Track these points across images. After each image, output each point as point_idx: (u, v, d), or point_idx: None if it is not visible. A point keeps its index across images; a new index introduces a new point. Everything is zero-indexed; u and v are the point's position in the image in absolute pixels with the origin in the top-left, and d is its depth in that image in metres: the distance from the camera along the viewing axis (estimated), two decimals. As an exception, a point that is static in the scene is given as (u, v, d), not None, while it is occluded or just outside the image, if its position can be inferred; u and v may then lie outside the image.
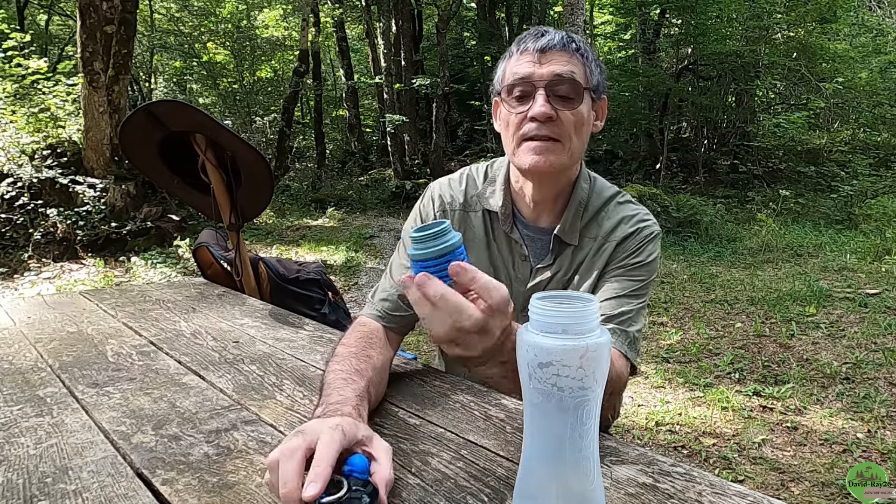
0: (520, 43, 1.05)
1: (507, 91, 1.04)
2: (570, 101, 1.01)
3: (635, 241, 1.08)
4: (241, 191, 2.02)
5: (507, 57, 1.07)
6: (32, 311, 1.65)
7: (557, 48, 1.01)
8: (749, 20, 10.30)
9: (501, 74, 1.07)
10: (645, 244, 1.09)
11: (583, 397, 0.57)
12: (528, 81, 1.01)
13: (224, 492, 0.71)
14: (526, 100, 1.02)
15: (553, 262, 1.11)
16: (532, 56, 1.01)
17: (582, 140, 1.05)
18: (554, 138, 1.01)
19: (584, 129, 1.04)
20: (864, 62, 10.75)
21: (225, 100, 13.53)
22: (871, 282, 4.93)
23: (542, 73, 1.00)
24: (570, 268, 1.10)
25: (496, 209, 1.13)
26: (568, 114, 1.00)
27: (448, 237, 0.65)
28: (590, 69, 1.04)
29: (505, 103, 1.05)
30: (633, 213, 1.12)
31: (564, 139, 1.01)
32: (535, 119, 1.00)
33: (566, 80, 1.00)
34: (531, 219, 1.13)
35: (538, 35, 1.03)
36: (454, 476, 0.74)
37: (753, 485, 2.17)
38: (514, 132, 1.04)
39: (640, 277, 1.07)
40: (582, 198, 1.11)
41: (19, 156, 6.36)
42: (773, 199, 8.98)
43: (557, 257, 1.11)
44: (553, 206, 1.11)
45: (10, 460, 0.80)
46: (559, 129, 1.01)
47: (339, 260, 6.42)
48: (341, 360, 0.91)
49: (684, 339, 3.79)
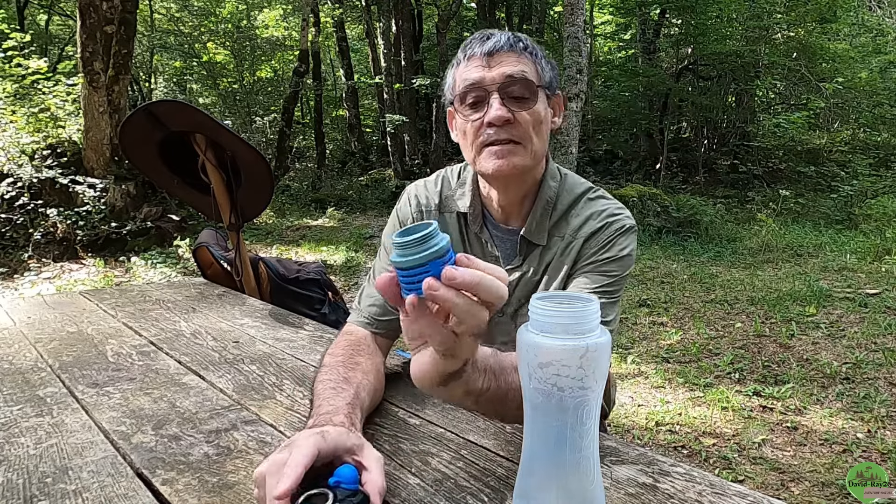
0: (466, 49, 1.02)
1: (459, 99, 1.01)
2: (525, 100, 0.99)
3: (604, 235, 1.05)
4: (241, 191, 2.02)
5: (455, 65, 1.05)
6: (32, 311, 1.65)
7: (505, 49, 0.99)
8: (749, 20, 10.30)
9: (452, 83, 1.05)
10: (615, 238, 1.04)
11: (583, 397, 0.57)
12: (479, 86, 0.98)
13: (224, 492, 0.71)
14: (480, 105, 0.99)
15: (522, 262, 1.09)
16: (480, 60, 0.99)
17: (542, 139, 1.03)
18: (514, 140, 0.99)
19: (543, 127, 1.02)
20: (864, 62, 10.75)
21: (225, 100, 13.53)
22: (871, 282, 4.93)
23: (493, 76, 0.98)
24: (538, 268, 1.08)
25: (465, 210, 1.11)
26: (524, 114, 0.98)
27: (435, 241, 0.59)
28: (540, 66, 1.02)
29: (459, 112, 1.03)
30: (603, 207, 1.08)
31: (525, 140, 0.99)
32: (492, 124, 0.97)
33: (518, 80, 0.98)
34: (500, 220, 1.11)
35: (484, 38, 1.01)
36: (454, 476, 0.74)
37: (753, 485, 2.17)
38: (472, 140, 1.01)
39: (611, 273, 1.03)
40: (550, 196, 1.08)
41: (19, 156, 6.36)
42: (773, 199, 8.98)
43: (526, 258, 1.09)
44: (521, 207, 1.09)
45: (10, 460, 0.80)
46: (518, 131, 0.99)
47: (339, 260, 6.42)
48: (329, 369, 0.90)
49: (684, 339, 3.79)
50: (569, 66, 6.60)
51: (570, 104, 6.60)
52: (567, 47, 6.65)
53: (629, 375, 3.24)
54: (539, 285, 1.08)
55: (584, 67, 6.75)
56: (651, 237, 7.11)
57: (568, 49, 6.63)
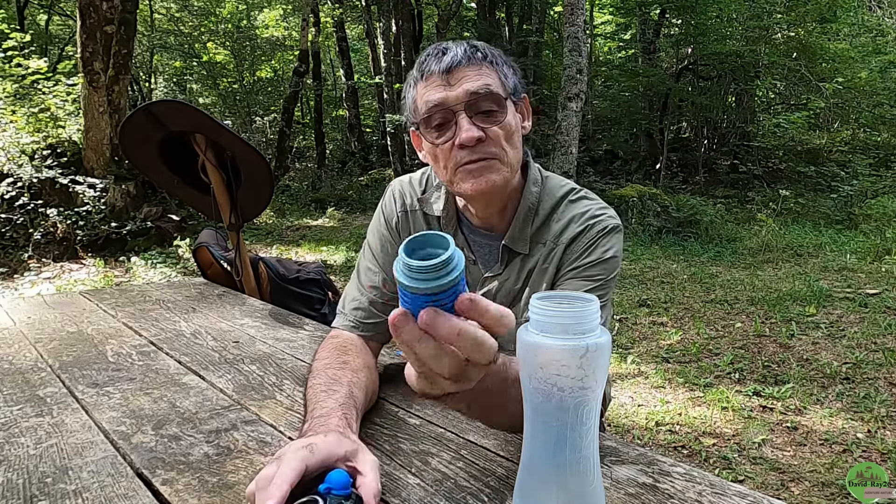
0: (422, 67, 0.96)
1: (424, 123, 0.96)
2: (494, 114, 0.94)
3: (585, 239, 1.01)
4: (241, 191, 2.02)
5: (413, 84, 0.99)
6: (32, 311, 1.65)
7: (464, 63, 0.93)
8: (749, 20, 10.30)
9: (412, 105, 0.99)
10: (597, 241, 1.00)
11: (583, 397, 0.57)
12: (444, 108, 0.93)
13: (224, 492, 0.71)
14: (446, 126, 0.94)
15: (503, 270, 1.06)
16: (439, 79, 0.94)
17: (516, 148, 0.99)
18: (488, 157, 0.95)
19: (515, 137, 0.98)
20: (864, 62, 10.74)
21: (225, 100, 13.53)
22: (871, 282, 4.93)
23: (457, 95, 0.93)
24: (519, 277, 1.05)
25: (439, 214, 1.08)
26: (496, 129, 0.94)
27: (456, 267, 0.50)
28: (503, 74, 0.97)
29: (425, 136, 0.98)
30: (584, 209, 1.04)
31: (500, 155, 0.95)
32: (464, 145, 0.93)
33: (483, 95, 0.93)
34: (479, 225, 1.07)
35: (439, 54, 0.95)
36: (454, 476, 0.74)
37: (753, 485, 2.17)
38: (444, 163, 0.97)
39: (596, 277, 0.99)
40: (532, 202, 1.04)
41: (19, 156, 6.36)
42: (773, 199, 8.98)
43: (507, 266, 1.06)
44: (501, 214, 1.05)
45: (10, 460, 0.80)
46: (491, 148, 0.95)
47: (339, 260, 6.42)
48: (317, 373, 0.89)
49: (684, 339, 3.79)
50: (569, 66, 6.60)
51: (570, 104, 6.59)
52: (567, 47, 6.65)
53: (629, 375, 3.24)
54: (520, 294, 1.05)
55: (584, 67, 6.75)
56: (651, 237, 7.11)
57: (568, 49, 6.63)
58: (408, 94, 1.01)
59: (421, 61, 0.98)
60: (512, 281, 1.05)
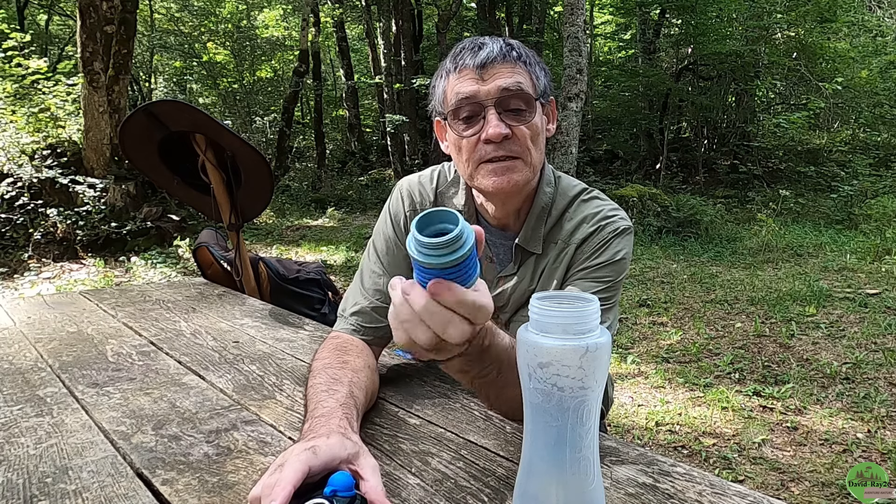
0: (456, 59, 0.97)
1: (452, 114, 0.97)
2: (523, 113, 0.94)
3: (597, 240, 1.01)
4: (241, 191, 2.02)
5: (444, 75, 0.99)
6: (32, 311, 1.65)
7: (499, 60, 0.93)
8: (749, 20, 10.30)
9: (442, 95, 0.99)
10: (609, 242, 1.01)
11: (583, 397, 0.57)
12: (474, 101, 0.94)
13: (224, 492, 0.71)
14: (475, 120, 0.95)
15: (516, 270, 1.06)
16: (473, 72, 0.94)
17: (540, 150, 0.99)
18: (513, 156, 0.95)
19: (540, 138, 0.98)
20: (864, 62, 10.75)
21: (225, 100, 13.53)
22: (871, 282, 4.93)
23: (489, 90, 0.93)
24: (533, 276, 1.05)
25: (461, 209, 1.08)
26: (523, 128, 0.94)
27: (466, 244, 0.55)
28: (535, 75, 0.97)
29: (452, 127, 0.98)
30: (597, 210, 1.04)
31: (524, 155, 0.96)
32: (490, 141, 0.93)
33: (515, 93, 0.93)
34: (495, 224, 1.08)
35: (475, 48, 0.95)
36: (454, 476, 0.74)
37: (753, 485, 2.17)
38: (468, 156, 0.97)
39: (605, 278, 1.00)
40: (545, 203, 1.05)
41: (19, 156, 6.36)
42: (773, 199, 8.98)
43: (521, 266, 1.06)
44: (517, 214, 1.06)
45: (10, 460, 0.80)
46: (517, 146, 0.95)
47: (339, 260, 6.42)
48: (317, 373, 0.89)
49: (684, 339, 3.79)
50: (569, 66, 6.60)
51: (570, 104, 6.59)
52: (567, 47, 6.65)
53: (629, 375, 3.24)
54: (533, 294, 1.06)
55: (584, 67, 6.75)
56: (651, 237, 7.11)
57: (568, 49, 6.63)
58: (438, 84, 1.01)
59: (455, 53, 0.98)
60: (526, 282, 1.06)
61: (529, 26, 12.95)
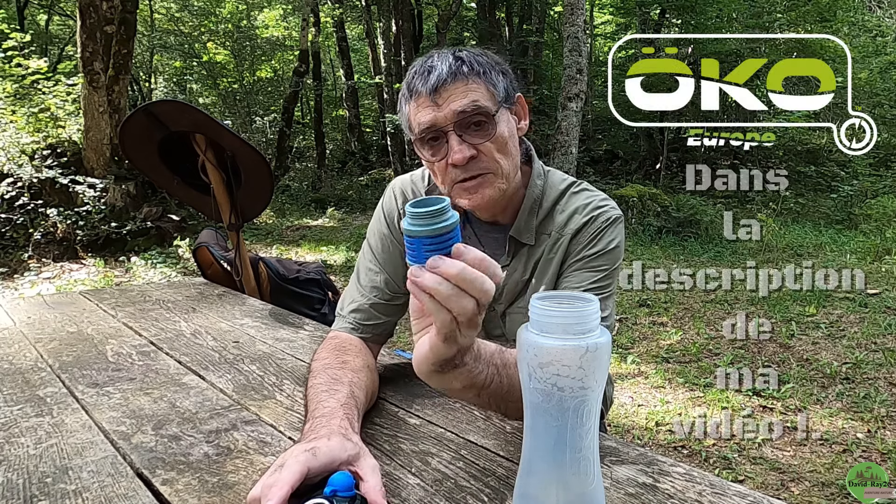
0: (410, 85, 0.96)
1: (419, 143, 0.97)
2: (484, 128, 0.94)
3: (591, 230, 1.03)
4: (241, 191, 2.02)
5: (405, 100, 0.99)
6: (32, 311, 1.65)
7: (449, 81, 0.92)
8: (749, 20, 10.30)
9: (407, 122, 1.00)
10: (602, 232, 1.02)
11: (583, 397, 0.57)
12: (434, 129, 0.94)
13: (224, 492, 0.71)
14: (439, 144, 0.95)
15: (510, 261, 1.07)
16: (427, 99, 0.93)
17: (512, 156, 0.99)
18: (483, 173, 0.96)
19: (510, 144, 0.98)
20: (863, 62, 10.74)
21: (225, 100, 13.53)
22: (871, 282, 4.93)
23: (445, 115, 0.92)
24: (526, 268, 1.06)
25: None
26: (487, 144, 0.94)
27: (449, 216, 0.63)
28: (491, 84, 0.96)
29: (422, 154, 0.99)
30: (588, 200, 1.05)
31: (493, 168, 0.96)
32: (456, 165, 0.94)
33: (471, 112, 0.92)
34: (484, 219, 1.09)
35: (424, 73, 0.94)
36: (454, 476, 0.74)
37: (753, 485, 2.17)
38: (441, 179, 0.99)
39: (602, 267, 1.01)
40: (536, 195, 1.06)
41: (19, 156, 6.36)
42: (773, 199, 8.98)
43: (514, 257, 1.07)
44: (506, 209, 1.07)
45: (10, 460, 0.80)
46: (485, 163, 0.95)
47: (339, 260, 6.42)
48: (317, 373, 0.89)
49: (684, 339, 3.79)
50: (569, 66, 6.60)
51: (570, 104, 6.59)
52: (567, 47, 6.65)
53: (629, 375, 3.24)
54: (528, 284, 1.07)
55: (584, 67, 6.75)
56: (651, 237, 7.11)
57: (568, 49, 6.63)
58: (402, 108, 1.01)
59: (409, 80, 0.97)
60: (520, 272, 1.07)
61: (529, 26, 12.95)
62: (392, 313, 1.07)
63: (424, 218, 0.62)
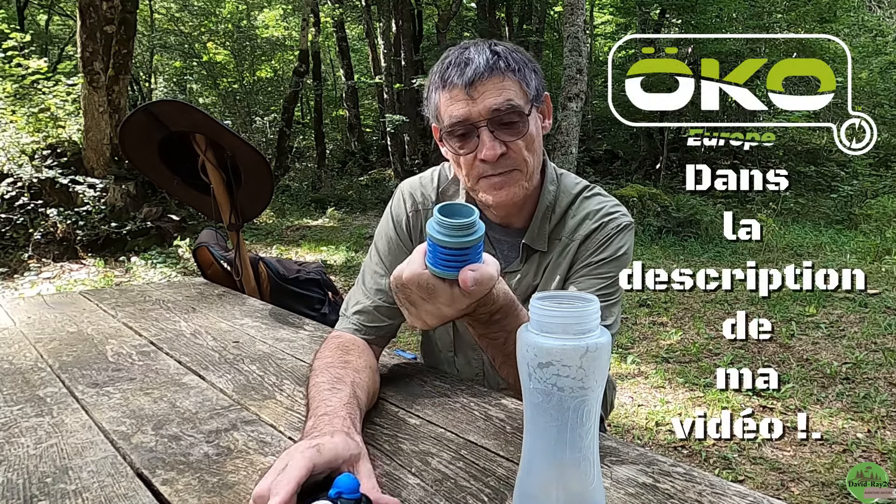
0: (444, 75, 0.95)
1: (448, 134, 0.97)
2: (516, 126, 0.94)
3: (600, 236, 1.03)
4: (241, 191, 2.02)
5: (434, 87, 0.98)
6: (32, 311, 1.65)
7: (486, 76, 0.92)
8: (749, 20, 10.30)
9: (435, 110, 0.99)
10: (612, 238, 1.02)
11: (583, 397, 0.57)
12: (467, 123, 0.94)
13: (224, 492, 0.71)
14: (469, 138, 0.95)
15: (521, 267, 1.07)
16: (462, 92, 0.93)
17: (537, 155, 1.00)
18: (510, 169, 0.96)
19: (536, 143, 0.99)
20: (864, 62, 10.74)
21: (225, 100, 13.52)
22: (871, 282, 4.93)
23: (480, 111, 0.92)
24: (537, 273, 1.07)
25: None
26: (518, 142, 0.95)
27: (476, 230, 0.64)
28: (525, 82, 0.96)
29: (449, 145, 0.98)
30: (599, 206, 1.06)
31: (521, 166, 0.97)
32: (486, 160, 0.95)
33: (506, 110, 0.93)
34: (497, 221, 1.09)
35: (461, 64, 0.94)
36: (454, 476, 0.74)
37: (753, 485, 2.17)
38: (467, 172, 0.99)
39: (607, 274, 1.01)
40: (549, 201, 1.06)
41: (19, 156, 6.36)
42: (773, 199, 8.98)
43: (526, 262, 1.07)
44: (519, 212, 1.07)
45: (10, 460, 0.80)
46: (513, 160, 0.96)
47: (339, 260, 6.42)
48: (320, 372, 0.88)
49: (684, 339, 3.79)
50: (569, 66, 6.60)
51: (570, 104, 6.59)
52: (567, 47, 6.65)
53: (629, 375, 3.24)
54: (537, 289, 1.07)
55: (584, 67, 6.75)
56: (651, 237, 7.11)
57: (568, 49, 6.63)
58: (430, 97, 1.00)
59: (443, 68, 0.96)
60: (530, 277, 1.07)
61: (529, 26, 12.94)
62: (396, 316, 1.06)
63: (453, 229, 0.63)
